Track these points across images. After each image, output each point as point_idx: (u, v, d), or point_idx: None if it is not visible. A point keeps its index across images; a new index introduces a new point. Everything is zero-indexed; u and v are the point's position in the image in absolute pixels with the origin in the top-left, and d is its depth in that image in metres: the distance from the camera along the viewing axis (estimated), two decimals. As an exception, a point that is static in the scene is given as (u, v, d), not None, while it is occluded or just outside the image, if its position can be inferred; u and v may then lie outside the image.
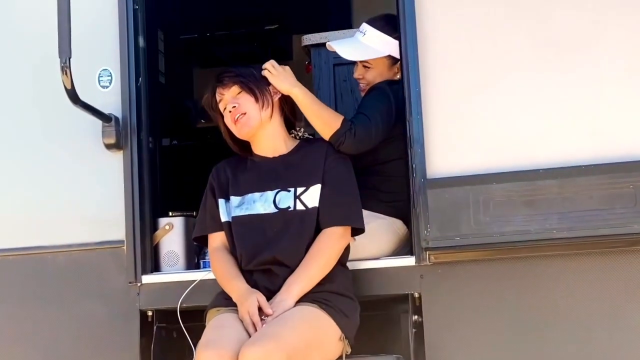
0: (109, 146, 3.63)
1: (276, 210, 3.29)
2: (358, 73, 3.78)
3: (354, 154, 3.41)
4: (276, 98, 3.41)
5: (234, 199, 3.36)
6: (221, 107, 3.41)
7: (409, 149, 3.38)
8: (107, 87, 3.69)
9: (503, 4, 3.37)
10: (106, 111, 3.62)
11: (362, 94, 3.75)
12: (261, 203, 3.32)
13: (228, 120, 3.39)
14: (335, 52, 3.79)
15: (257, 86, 3.37)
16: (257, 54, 5.84)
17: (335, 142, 3.37)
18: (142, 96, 3.69)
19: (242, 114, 3.35)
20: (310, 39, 4.72)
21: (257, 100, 3.35)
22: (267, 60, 3.46)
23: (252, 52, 5.85)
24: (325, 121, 3.40)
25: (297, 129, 3.53)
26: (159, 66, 4.53)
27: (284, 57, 5.89)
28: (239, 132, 3.38)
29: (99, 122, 3.61)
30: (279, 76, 3.41)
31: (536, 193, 3.25)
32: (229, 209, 3.36)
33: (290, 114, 3.47)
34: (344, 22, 5.67)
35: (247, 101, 3.36)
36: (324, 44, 4.65)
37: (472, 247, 3.30)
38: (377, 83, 3.66)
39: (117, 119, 3.63)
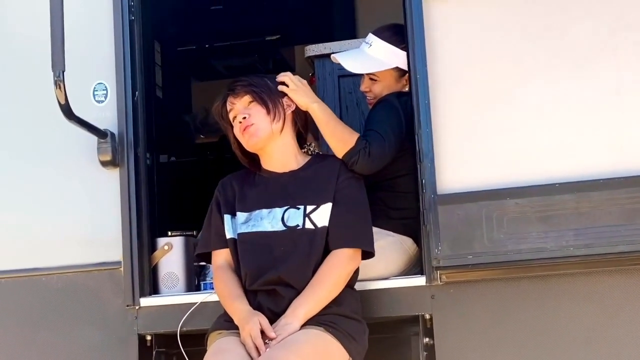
0: (104, 163, 3.63)
1: (284, 229, 3.28)
2: (365, 86, 3.78)
3: (366, 174, 3.40)
4: (289, 111, 3.41)
5: (240, 215, 3.35)
6: (231, 116, 3.41)
7: (419, 164, 3.38)
8: (102, 101, 3.69)
9: (516, 13, 3.37)
10: (102, 127, 3.62)
11: (370, 107, 3.75)
12: (269, 220, 3.30)
13: (237, 130, 3.39)
14: (340, 64, 3.78)
15: (270, 97, 3.37)
16: (258, 66, 5.85)
17: (348, 160, 3.36)
18: (139, 111, 3.69)
19: (252, 124, 3.34)
20: (313, 49, 4.72)
21: (268, 112, 3.35)
22: (273, 72, 3.49)
23: (252, 64, 5.87)
24: (340, 138, 3.40)
25: (309, 144, 3.52)
26: (156, 79, 4.55)
27: (286, 68, 5.81)
28: (247, 142, 3.37)
29: (94, 138, 3.61)
30: (299, 90, 3.41)
31: (552, 208, 3.24)
32: (235, 225, 3.35)
33: (303, 128, 3.46)
34: (349, 32, 5.67)
35: (258, 112, 3.36)
36: (327, 55, 4.64)
37: (485, 266, 3.29)
38: (384, 96, 3.66)
39: (113, 134, 3.63)
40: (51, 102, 3.39)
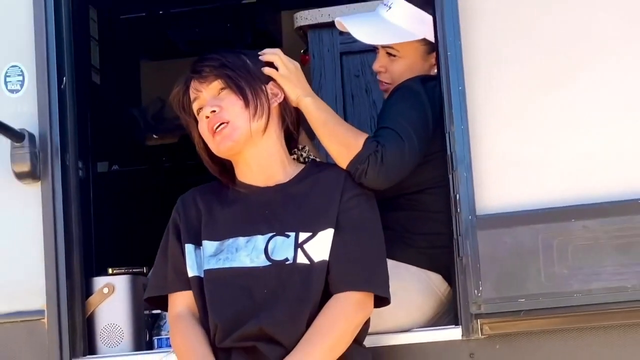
0: (20, 175, 3.64)
1: (268, 264, 3.27)
2: (380, 64, 3.80)
3: (380, 188, 3.41)
4: (275, 104, 3.39)
5: (208, 245, 3.34)
6: (195, 107, 3.40)
7: (451, 173, 3.39)
8: (17, 91, 3.70)
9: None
10: (17, 126, 3.62)
11: (385, 95, 3.76)
12: (247, 252, 3.30)
13: (203, 128, 3.37)
14: (346, 34, 3.79)
15: (250, 84, 3.35)
16: (231, 39, 5.86)
17: (354, 171, 3.37)
18: (67, 103, 3.71)
19: (224, 122, 3.33)
20: (306, 17, 4.75)
21: (247, 104, 3.33)
22: (253, 48, 3.51)
23: (223, 37, 5.88)
24: (342, 142, 3.40)
25: (301, 147, 3.51)
26: (91, 60, 4.57)
27: (270, 43, 5.87)
28: (218, 147, 3.36)
29: (6, 142, 3.62)
30: (290, 77, 3.42)
31: (634, 233, 3.26)
32: (200, 259, 3.34)
33: (293, 125, 3.45)
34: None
35: (232, 104, 3.33)
36: (326, 24, 4.66)
37: (543, 313, 3.31)
38: (405, 81, 3.65)
39: (32, 136, 3.64)
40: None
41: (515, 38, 3.41)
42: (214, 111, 3.33)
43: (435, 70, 3.63)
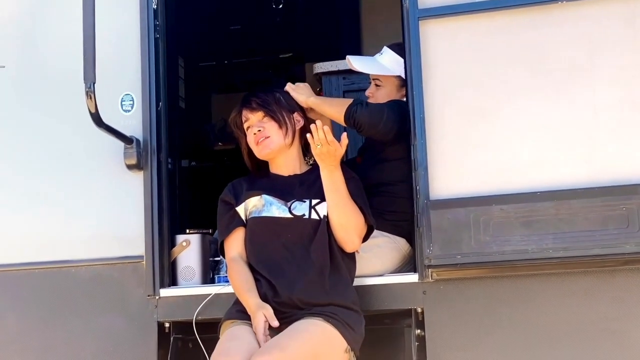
0: (130, 167, 3.63)
1: (291, 216, 3.28)
2: (370, 91, 3.79)
3: (368, 129, 3.43)
4: (298, 127, 3.42)
5: (252, 200, 3.34)
6: (245, 126, 3.43)
7: (414, 172, 3.36)
8: (129, 111, 3.69)
9: (503, 36, 3.36)
10: (128, 134, 3.62)
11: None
12: (277, 207, 3.31)
13: (251, 140, 3.41)
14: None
15: (282, 114, 3.38)
16: (272, 80, 5.84)
17: (349, 116, 3.41)
18: (162, 120, 3.69)
19: (266, 137, 3.35)
20: (321, 66, 4.73)
21: (280, 127, 3.37)
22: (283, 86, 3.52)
23: (266, 79, 5.86)
24: (338, 105, 3.47)
25: (310, 157, 3.52)
26: (179, 91, 4.55)
27: (297, 83, 5.89)
28: (260, 152, 3.39)
29: (121, 144, 3.61)
30: (297, 89, 3.47)
31: (533, 214, 3.23)
32: (245, 214, 3.36)
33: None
34: (354, 51, 5.66)
35: (271, 126, 3.38)
36: (334, 72, 4.65)
37: (472, 265, 3.27)
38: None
39: (138, 141, 3.63)
40: (83, 112, 3.41)
41: (460, 83, 3.37)
42: (260, 130, 3.37)
43: (405, 99, 3.62)
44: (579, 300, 3.26)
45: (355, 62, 3.78)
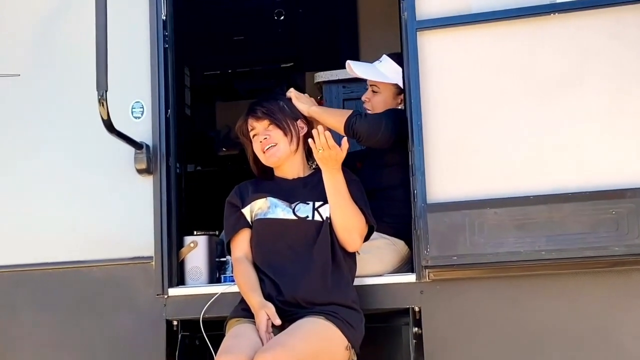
0: (140, 171, 3.64)
1: (295, 218, 3.29)
2: (366, 96, 3.79)
3: (367, 140, 3.43)
4: (302, 133, 3.43)
5: (259, 203, 3.35)
6: (251, 134, 3.43)
7: (411, 176, 3.37)
8: (139, 117, 3.70)
9: (497, 46, 3.37)
10: (138, 139, 3.63)
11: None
12: (281, 209, 3.32)
13: (257, 147, 3.41)
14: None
15: (287, 121, 3.39)
16: (274, 89, 5.85)
17: (349, 127, 3.41)
18: (170, 126, 3.69)
19: (272, 145, 3.37)
20: (322, 76, 4.74)
21: (285, 134, 3.38)
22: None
23: (268, 88, 5.86)
24: (338, 116, 3.47)
25: (312, 161, 3.54)
26: (185, 99, 4.56)
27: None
28: (267, 159, 3.40)
29: (131, 149, 3.62)
30: (300, 98, 3.47)
31: (527, 217, 3.23)
32: (250, 216, 3.36)
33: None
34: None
35: (277, 134, 3.38)
36: (334, 81, 4.66)
37: (468, 266, 3.28)
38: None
39: (148, 146, 3.64)
40: (95, 118, 3.43)
41: (455, 91, 3.38)
42: (266, 138, 3.38)
43: (401, 106, 3.64)
44: (570, 300, 3.27)
45: (355, 68, 3.78)
